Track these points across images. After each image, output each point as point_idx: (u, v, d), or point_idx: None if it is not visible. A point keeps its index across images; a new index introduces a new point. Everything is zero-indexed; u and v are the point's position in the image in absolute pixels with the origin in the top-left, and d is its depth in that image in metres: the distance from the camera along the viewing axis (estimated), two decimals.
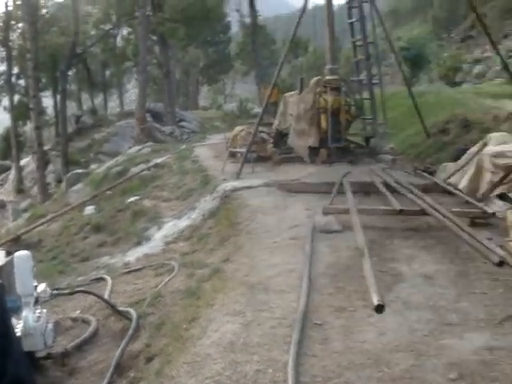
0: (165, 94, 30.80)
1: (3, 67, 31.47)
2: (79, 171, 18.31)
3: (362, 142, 11.99)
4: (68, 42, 28.70)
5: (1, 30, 30.43)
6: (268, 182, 9.12)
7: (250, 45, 34.06)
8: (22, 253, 4.66)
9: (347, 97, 11.50)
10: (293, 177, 9.41)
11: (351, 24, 12.03)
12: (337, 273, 5.17)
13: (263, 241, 6.38)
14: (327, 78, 11.39)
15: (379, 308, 4.10)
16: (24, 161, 30.20)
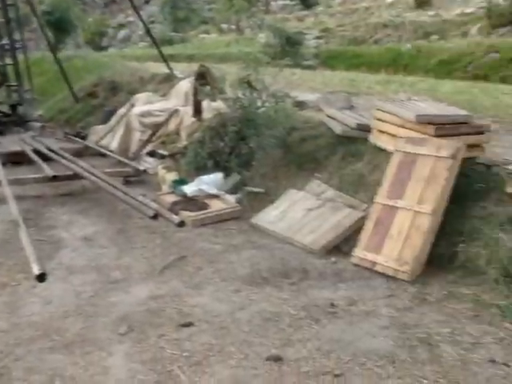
0: None
1: None
2: None
3: (9, 111, 11.11)
4: None
5: None
6: None
7: None
8: None
9: None
10: None
11: None
12: None
13: None
14: None
15: (41, 277, 4.08)
16: None
